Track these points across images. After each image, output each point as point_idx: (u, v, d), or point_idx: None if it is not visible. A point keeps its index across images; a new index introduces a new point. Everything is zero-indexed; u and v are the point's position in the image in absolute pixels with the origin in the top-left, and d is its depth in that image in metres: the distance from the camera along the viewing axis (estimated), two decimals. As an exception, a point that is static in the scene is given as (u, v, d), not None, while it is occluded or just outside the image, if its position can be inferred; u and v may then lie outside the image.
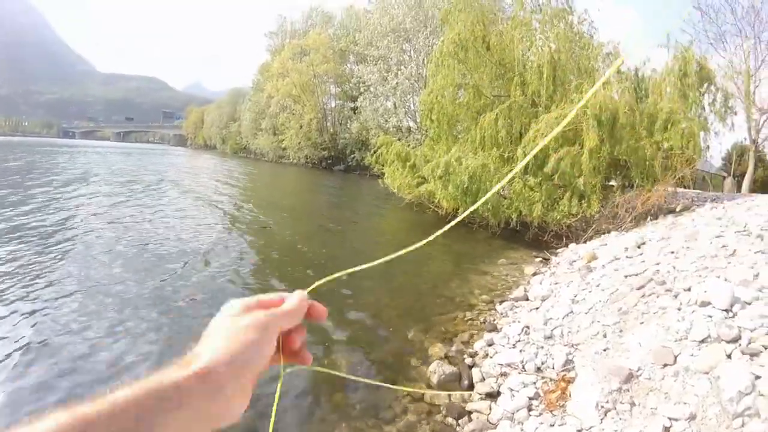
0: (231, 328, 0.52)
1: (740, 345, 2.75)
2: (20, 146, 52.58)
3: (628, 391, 2.87)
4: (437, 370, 3.92)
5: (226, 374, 0.48)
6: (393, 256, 0.77)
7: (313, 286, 0.69)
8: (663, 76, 9.39)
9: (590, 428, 2.76)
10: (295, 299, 0.61)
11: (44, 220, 9.94)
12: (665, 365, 2.88)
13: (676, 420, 2.44)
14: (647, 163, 8.47)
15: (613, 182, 9.50)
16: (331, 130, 36.83)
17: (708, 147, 9.14)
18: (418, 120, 17.67)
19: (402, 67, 22.71)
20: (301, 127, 37.84)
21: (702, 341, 2.92)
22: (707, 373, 2.65)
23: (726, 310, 3.11)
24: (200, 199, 15.40)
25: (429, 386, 3.84)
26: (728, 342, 2.82)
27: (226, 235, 9.55)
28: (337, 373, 3.91)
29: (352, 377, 4.03)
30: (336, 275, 0.79)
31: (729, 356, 2.70)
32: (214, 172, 28.88)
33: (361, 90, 29.46)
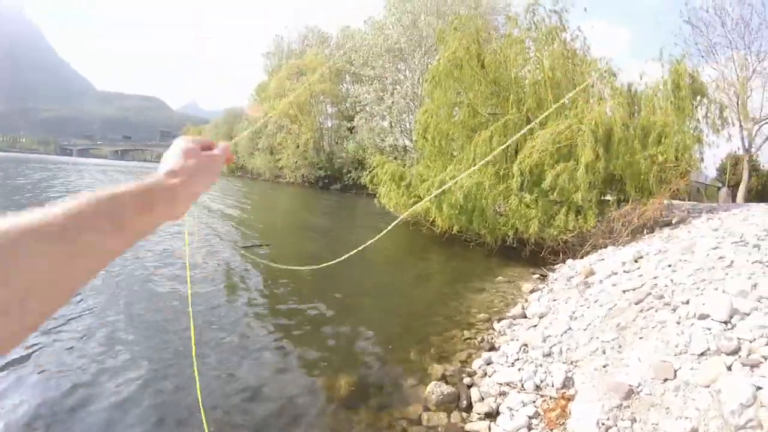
0: (187, 150, 0.70)
1: (740, 356, 2.72)
2: (19, 163, 52.27)
3: (629, 407, 2.82)
4: (435, 390, 3.86)
5: (184, 181, 0.65)
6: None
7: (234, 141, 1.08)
8: (656, 90, 9.47)
9: (591, 446, 2.71)
10: (223, 147, 0.80)
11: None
12: (665, 380, 2.84)
13: (678, 435, 2.39)
14: (642, 176, 8.50)
15: (608, 197, 9.52)
16: (328, 150, 37.01)
17: (702, 158, 9.19)
18: (414, 139, 17.83)
19: (397, 86, 22.91)
20: (297, 146, 38.00)
21: (702, 354, 2.89)
22: (708, 386, 2.61)
23: (725, 322, 3.08)
24: (197, 218, 15.36)
25: (427, 407, 3.77)
26: (728, 354, 2.79)
27: (225, 256, 9.49)
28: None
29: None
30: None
31: (729, 368, 2.67)
32: (211, 192, 28.83)
33: (357, 109, 29.72)
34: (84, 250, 0.47)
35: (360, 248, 3.26)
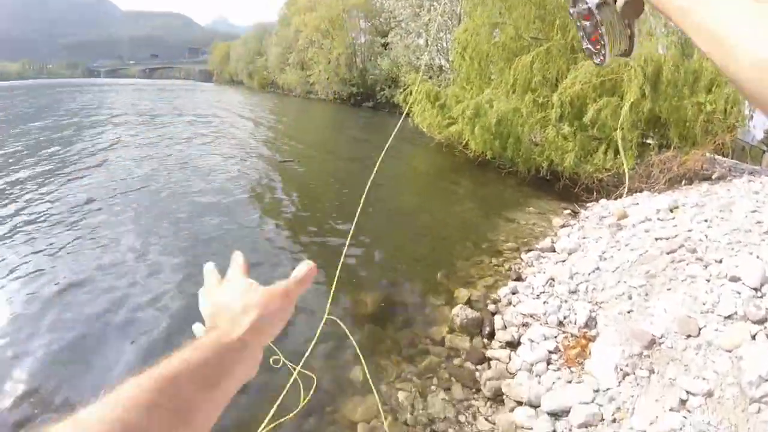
0: (262, 294, 0.58)
1: (766, 327, 2.73)
2: (44, 89, 52.47)
3: (649, 357, 2.91)
4: (460, 314, 4.01)
5: (265, 334, 0.56)
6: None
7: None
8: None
9: (607, 390, 2.84)
10: (305, 269, 0.63)
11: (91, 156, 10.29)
12: (689, 336, 2.89)
13: (693, 395, 2.48)
14: (687, 124, 8.08)
15: (649, 140, 9.12)
16: (361, 66, 35.77)
17: (752, 116, 8.63)
18: (450, 59, 17.01)
19: (435, 2, 21.58)
20: (329, 62, 36.80)
21: (728, 317, 2.91)
22: (730, 351, 2.65)
23: (755, 289, 3.06)
24: (230, 135, 15.55)
25: (451, 329, 3.94)
26: (754, 322, 2.80)
27: (253, 172, 9.79)
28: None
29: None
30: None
31: (753, 337, 2.68)
32: (243, 108, 28.84)
33: (392, 25, 28.33)
34: None
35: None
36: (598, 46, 0.71)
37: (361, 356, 3.39)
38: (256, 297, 0.57)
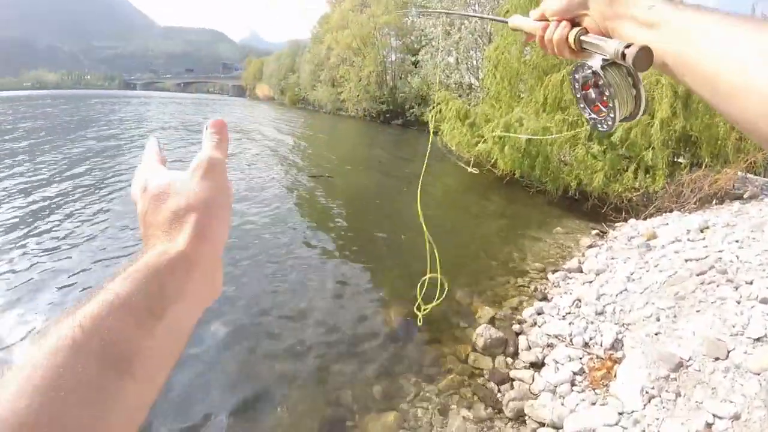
0: (192, 188, 0.45)
1: (797, 350, 2.66)
2: (83, 99, 54.61)
3: (676, 380, 2.85)
4: (484, 333, 3.97)
5: (213, 238, 0.44)
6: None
7: None
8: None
9: (632, 412, 2.78)
10: (212, 127, 0.52)
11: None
12: (717, 359, 2.83)
13: (720, 418, 2.42)
14: (719, 142, 7.94)
15: (681, 159, 8.95)
16: (391, 84, 36.17)
17: (785, 133, 8.43)
18: (480, 77, 17.08)
19: (465, 21, 21.74)
20: (360, 79, 37.36)
21: (758, 339, 2.84)
22: (758, 374, 2.59)
23: (787, 311, 2.99)
24: (269, 149, 15.93)
25: (474, 348, 3.92)
26: (785, 346, 2.73)
27: (293, 186, 10.03)
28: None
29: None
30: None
31: (784, 360, 2.62)
32: (278, 123, 29.51)
33: (423, 43, 28.66)
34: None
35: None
36: (603, 114, 0.68)
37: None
38: (185, 195, 0.44)
